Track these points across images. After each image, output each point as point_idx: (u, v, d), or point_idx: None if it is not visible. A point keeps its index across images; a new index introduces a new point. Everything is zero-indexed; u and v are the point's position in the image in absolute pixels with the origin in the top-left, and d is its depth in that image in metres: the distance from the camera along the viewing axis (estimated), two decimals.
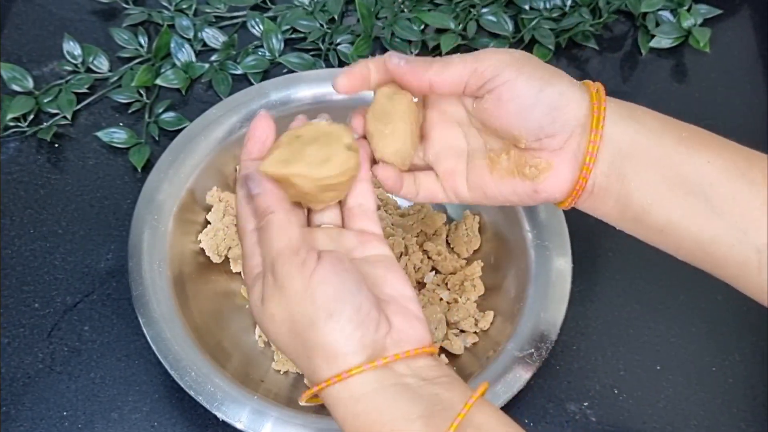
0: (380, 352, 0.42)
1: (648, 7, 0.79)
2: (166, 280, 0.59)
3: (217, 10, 0.81)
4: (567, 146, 0.46)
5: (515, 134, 0.46)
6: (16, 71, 0.75)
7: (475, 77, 0.45)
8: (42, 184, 0.70)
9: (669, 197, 0.45)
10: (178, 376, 0.55)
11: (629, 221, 0.47)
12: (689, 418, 0.62)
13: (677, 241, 0.46)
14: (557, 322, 0.58)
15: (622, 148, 0.45)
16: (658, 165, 0.45)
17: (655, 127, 0.46)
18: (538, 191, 0.47)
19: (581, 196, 0.47)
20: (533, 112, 0.45)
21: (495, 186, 0.49)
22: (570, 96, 0.45)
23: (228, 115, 0.66)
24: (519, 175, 0.47)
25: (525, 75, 0.45)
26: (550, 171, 0.46)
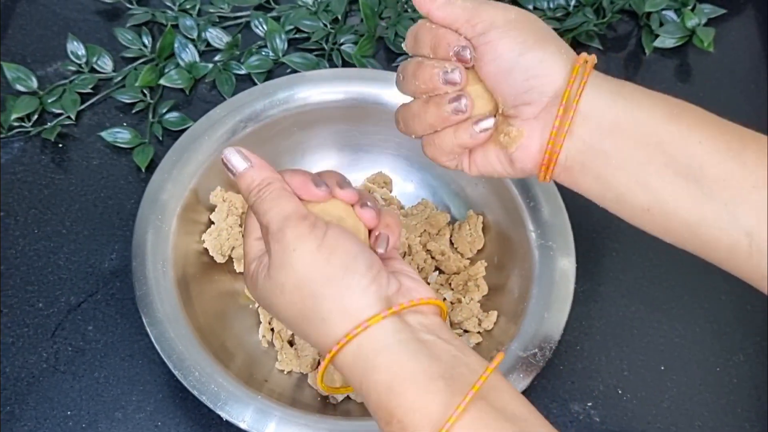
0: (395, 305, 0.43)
1: (652, 7, 0.79)
2: (169, 280, 0.59)
3: (221, 10, 0.81)
4: (541, 116, 0.45)
5: (497, 96, 0.46)
6: (20, 71, 0.75)
7: (467, 27, 0.45)
8: (46, 184, 0.71)
9: (656, 177, 0.44)
10: (182, 375, 0.55)
11: (611, 201, 0.46)
12: (693, 418, 0.62)
13: (664, 223, 0.45)
14: (561, 323, 0.58)
15: (603, 125, 0.44)
16: (644, 143, 0.44)
17: (644, 103, 0.44)
18: (512, 161, 0.47)
19: (554, 170, 0.46)
20: (510, 76, 0.44)
21: (483, 154, 0.48)
22: (550, 64, 0.44)
23: (232, 115, 0.66)
24: (495, 142, 0.47)
25: (509, 37, 0.44)
26: (521, 139, 0.45)
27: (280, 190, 0.44)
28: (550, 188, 0.64)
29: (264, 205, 0.44)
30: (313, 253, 0.42)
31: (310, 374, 0.61)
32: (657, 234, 0.46)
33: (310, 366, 0.62)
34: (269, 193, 0.44)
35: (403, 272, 0.46)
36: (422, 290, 0.45)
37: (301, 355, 0.62)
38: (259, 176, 0.44)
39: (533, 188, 0.64)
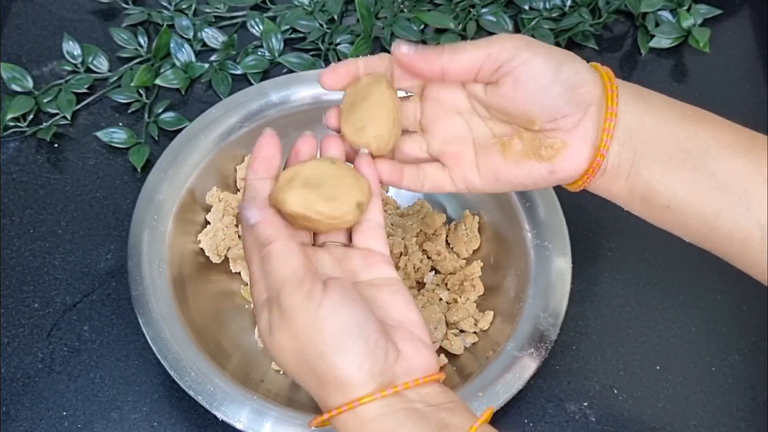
0: (390, 380, 0.43)
1: (648, 7, 0.79)
2: (165, 281, 0.59)
3: (217, 10, 0.81)
4: (581, 125, 0.46)
5: (532, 116, 0.46)
6: (15, 71, 0.75)
7: (490, 62, 0.45)
8: (42, 184, 0.70)
9: (675, 173, 0.45)
10: (178, 376, 0.55)
11: (638, 200, 0.47)
12: (689, 418, 0.62)
13: (682, 219, 0.46)
14: (557, 322, 0.58)
15: (632, 127, 0.46)
16: (665, 142, 0.46)
17: (661, 105, 0.47)
18: (554, 171, 0.47)
19: (595, 175, 0.47)
20: (551, 90, 0.45)
21: (509, 171, 0.48)
22: (585, 75, 0.46)
23: (228, 115, 0.66)
24: (535, 156, 0.47)
25: (541, 55, 0.45)
26: (566, 150, 0.47)
27: (281, 250, 0.43)
28: (546, 189, 0.64)
29: (266, 266, 0.44)
30: (306, 326, 0.42)
31: None
32: (677, 232, 0.48)
33: None
34: (269, 253, 0.43)
35: (405, 328, 0.45)
36: (422, 359, 0.44)
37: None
38: (264, 233, 0.44)
39: None
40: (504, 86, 0.46)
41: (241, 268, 0.65)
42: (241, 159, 0.67)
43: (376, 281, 0.47)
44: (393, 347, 0.44)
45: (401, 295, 0.47)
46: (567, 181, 0.48)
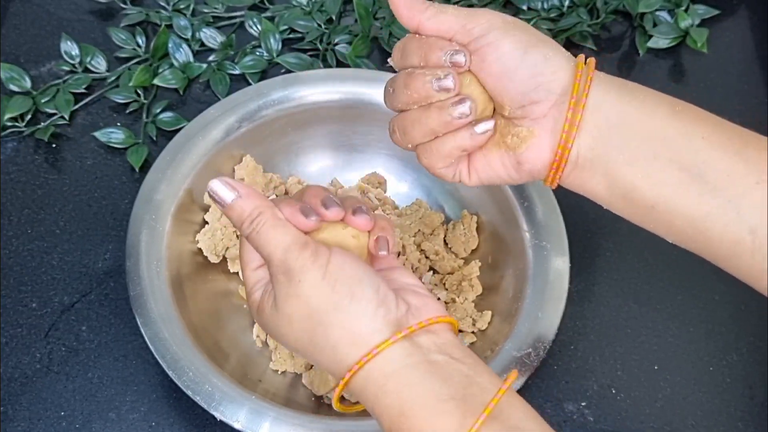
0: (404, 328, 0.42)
1: (646, 8, 0.79)
2: (163, 280, 0.59)
3: (215, 10, 0.81)
4: (550, 114, 0.44)
5: (499, 99, 0.45)
6: (13, 71, 0.75)
7: (462, 33, 0.44)
8: (40, 184, 0.70)
9: (661, 172, 0.43)
10: (176, 376, 0.55)
11: (618, 198, 0.45)
12: (687, 417, 0.62)
13: (669, 220, 0.44)
14: (555, 322, 0.58)
15: (611, 120, 0.44)
16: (650, 138, 0.44)
17: (648, 100, 0.45)
18: (521, 162, 0.46)
19: (564, 169, 0.45)
20: (516, 74, 0.44)
21: (485, 160, 0.47)
22: (555, 62, 0.44)
23: (226, 115, 0.66)
24: (503, 145, 0.46)
25: (511, 37, 0.44)
26: (532, 139, 0.45)
27: (274, 219, 0.43)
28: (544, 188, 0.64)
29: (261, 238, 0.43)
30: (318, 282, 0.42)
31: (305, 374, 0.61)
32: (661, 233, 0.46)
33: (304, 366, 0.62)
34: (263, 224, 0.43)
35: (408, 288, 0.46)
36: (431, 307, 0.44)
37: (296, 355, 0.62)
38: (249, 206, 0.44)
39: (527, 188, 0.64)
40: (476, 62, 0.45)
41: (239, 268, 0.65)
42: (239, 159, 0.67)
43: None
44: (402, 300, 0.44)
45: (398, 267, 0.48)
46: (536, 174, 0.46)
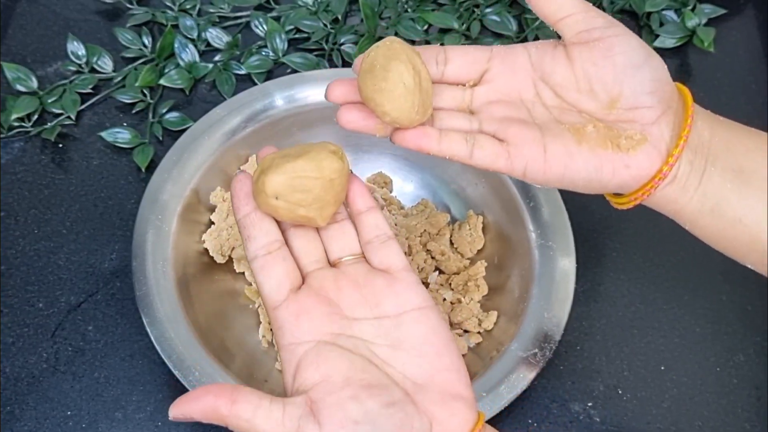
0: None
1: (652, 7, 0.79)
2: (170, 280, 0.59)
3: (221, 10, 0.81)
4: (657, 123, 0.44)
5: (615, 93, 0.44)
6: (20, 71, 0.75)
7: (584, 18, 0.44)
8: (46, 184, 0.71)
9: (748, 184, 0.44)
10: (182, 375, 0.55)
11: (707, 213, 0.45)
12: (693, 418, 0.61)
13: (754, 235, 0.44)
14: (561, 323, 0.58)
15: (703, 136, 0.45)
16: (736, 151, 0.44)
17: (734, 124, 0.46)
18: (629, 165, 0.44)
19: (665, 180, 0.44)
20: (640, 72, 0.44)
21: (582, 158, 0.44)
22: (668, 75, 0.45)
23: (232, 115, 0.66)
24: (613, 146, 0.44)
25: (636, 37, 0.44)
26: (645, 144, 0.44)
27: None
28: (550, 189, 0.63)
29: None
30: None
31: None
32: (743, 254, 0.46)
33: None
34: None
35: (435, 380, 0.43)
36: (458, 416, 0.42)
37: None
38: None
39: (533, 188, 0.64)
40: (595, 50, 0.44)
41: (245, 268, 0.65)
42: (245, 159, 0.67)
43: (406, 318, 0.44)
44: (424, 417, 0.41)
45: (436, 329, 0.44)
46: (637, 180, 0.45)
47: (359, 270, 0.46)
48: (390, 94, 0.43)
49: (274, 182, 0.44)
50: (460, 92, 0.47)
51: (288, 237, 0.46)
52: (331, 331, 0.43)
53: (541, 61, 0.47)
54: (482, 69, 0.47)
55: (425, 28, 0.79)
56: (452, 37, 0.78)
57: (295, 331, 0.43)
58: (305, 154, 0.44)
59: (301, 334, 0.43)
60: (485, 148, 0.45)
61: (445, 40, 0.77)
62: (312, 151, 0.44)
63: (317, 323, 0.43)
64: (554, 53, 0.46)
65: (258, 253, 0.45)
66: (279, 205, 0.44)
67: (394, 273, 0.46)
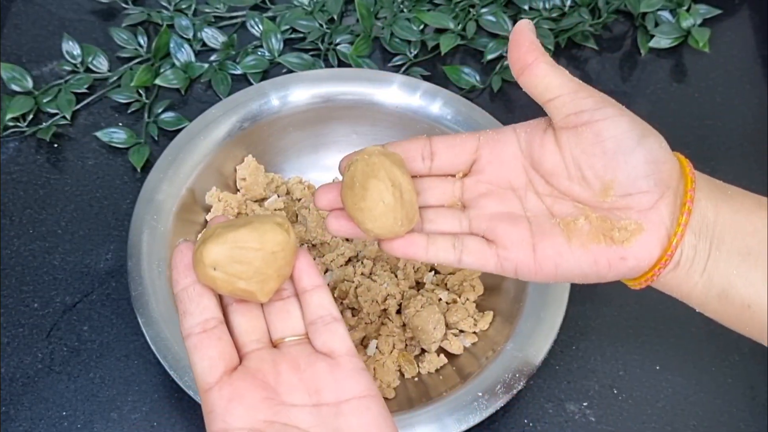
0: None
1: (647, 7, 0.79)
2: (165, 280, 0.59)
3: (217, 10, 0.81)
4: (656, 208, 0.42)
5: (606, 180, 0.42)
6: (15, 71, 0.75)
7: (572, 101, 0.42)
8: (41, 184, 0.70)
9: (756, 268, 0.42)
10: (178, 376, 0.55)
11: (714, 299, 0.43)
12: (688, 418, 0.62)
13: (764, 319, 0.42)
14: (557, 323, 0.58)
15: (708, 217, 0.42)
16: (742, 233, 0.42)
17: (735, 195, 0.43)
18: (625, 258, 0.42)
19: (667, 267, 0.42)
20: (632, 156, 0.41)
21: (573, 257, 0.43)
22: (666, 153, 0.42)
23: (227, 115, 0.66)
24: (606, 239, 0.42)
25: (628, 117, 0.42)
26: (641, 234, 0.42)
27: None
28: None
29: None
30: None
31: None
32: (757, 335, 0.44)
33: None
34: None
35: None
36: None
37: None
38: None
39: None
40: (583, 136, 0.42)
41: None
42: (241, 159, 0.67)
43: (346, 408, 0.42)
44: None
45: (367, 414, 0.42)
46: (636, 270, 0.43)
47: (301, 352, 0.44)
48: (370, 213, 0.43)
49: (212, 252, 0.42)
50: (450, 185, 0.46)
51: (229, 312, 0.44)
52: (266, 418, 0.41)
53: (531, 147, 0.45)
54: (470, 159, 0.46)
55: (421, 28, 0.79)
56: (448, 37, 0.78)
57: (226, 417, 0.41)
58: (248, 225, 0.42)
59: (233, 420, 0.41)
60: (473, 253, 0.44)
61: (441, 40, 0.77)
62: (255, 222, 0.43)
63: (251, 409, 0.41)
64: (543, 138, 0.44)
65: (192, 331, 0.42)
66: (217, 276, 0.42)
67: (336, 357, 0.43)
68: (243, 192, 0.67)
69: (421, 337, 0.61)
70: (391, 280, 0.63)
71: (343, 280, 0.64)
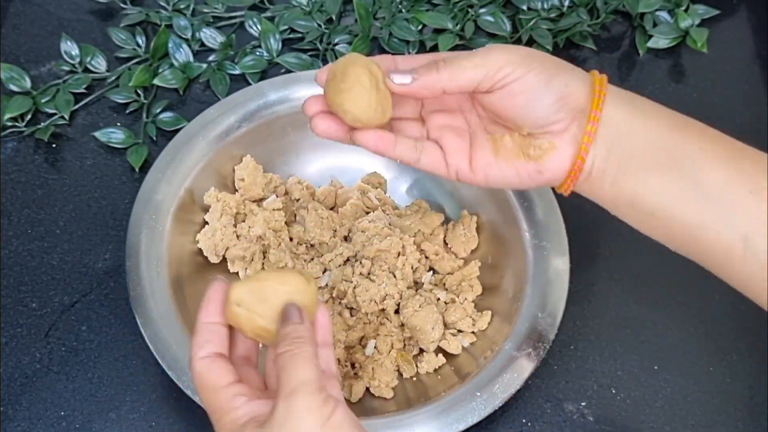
0: None
1: (645, 8, 0.79)
2: (163, 281, 0.59)
3: (215, 10, 0.81)
4: (569, 129, 0.47)
5: (519, 123, 0.48)
6: (13, 71, 0.75)
7: (487, 80, 0.47)
8: (40, 184, 0.70)
9: (661, 180, 0.46)
10: (176, 376, 0.55)
11: (623, 205, 0.48)
12: (687, 417, 0.62)
13: (667, 226, 0.47)
14: (555, 322, 0.58)
15: (621, 131, 0.47)
16: (653, 148, 0.46)
17: (652, 113, 0.48)
18: (541, 171, 0.49)
19: (579, 177, 0.48)
20: (541, 103, 0.47)
21: (498, 168, 0.50)
22: (574, 85, 0.47)
23: (226, 115, 0.66)
24: (524, 156, 0.49)
25: (534, 70, 0.47)
26: (554, 151, 0.48)
27: (309, 353, 0.43)
28: (544, 188, 0.64)
29: (288, 361, 0.43)
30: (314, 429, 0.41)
31: None
32: (661, 240, 0.49)
33: None
34: (299, 351, 0.43)
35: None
36: None
37: None
38: (298, 331, 0.44)
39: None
40: (497, 97, 0.48)
41: (239, 268, 0.65)
42: (239, 159, 0.67)
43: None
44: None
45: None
46: (553, 182, 0.49)
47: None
48: (348, 93, 0.47)
49: (238, 290, 0.45)
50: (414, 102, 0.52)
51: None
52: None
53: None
54: None
55: (419, 29, 0.79)
56: (446, 37, 0.78)
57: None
58: (275, 272, 0.47)
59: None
60: (429, 156, 0.51)
61: (439, 40, 0.77)
62: (283, 271, 0.48)
63: None
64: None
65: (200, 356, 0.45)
66: (241, 313, 0.45)
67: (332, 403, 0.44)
68: (241, 192, 0.67)
69: (420, 336, 0.61)
70: (390, 280, 0.63)
71: (341, 280, 0.64)
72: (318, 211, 0.66)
